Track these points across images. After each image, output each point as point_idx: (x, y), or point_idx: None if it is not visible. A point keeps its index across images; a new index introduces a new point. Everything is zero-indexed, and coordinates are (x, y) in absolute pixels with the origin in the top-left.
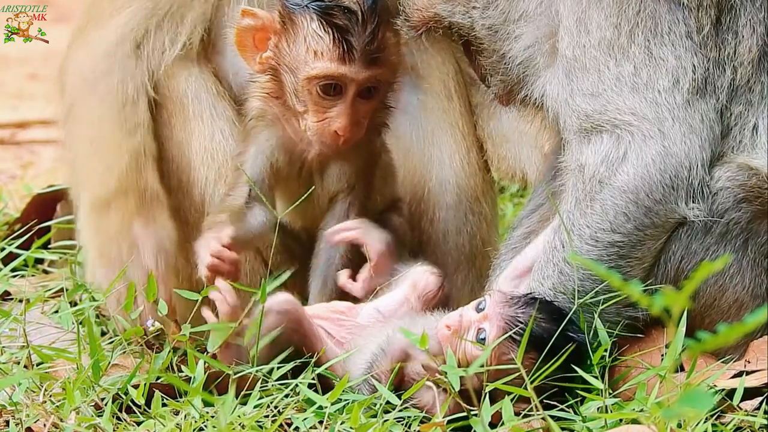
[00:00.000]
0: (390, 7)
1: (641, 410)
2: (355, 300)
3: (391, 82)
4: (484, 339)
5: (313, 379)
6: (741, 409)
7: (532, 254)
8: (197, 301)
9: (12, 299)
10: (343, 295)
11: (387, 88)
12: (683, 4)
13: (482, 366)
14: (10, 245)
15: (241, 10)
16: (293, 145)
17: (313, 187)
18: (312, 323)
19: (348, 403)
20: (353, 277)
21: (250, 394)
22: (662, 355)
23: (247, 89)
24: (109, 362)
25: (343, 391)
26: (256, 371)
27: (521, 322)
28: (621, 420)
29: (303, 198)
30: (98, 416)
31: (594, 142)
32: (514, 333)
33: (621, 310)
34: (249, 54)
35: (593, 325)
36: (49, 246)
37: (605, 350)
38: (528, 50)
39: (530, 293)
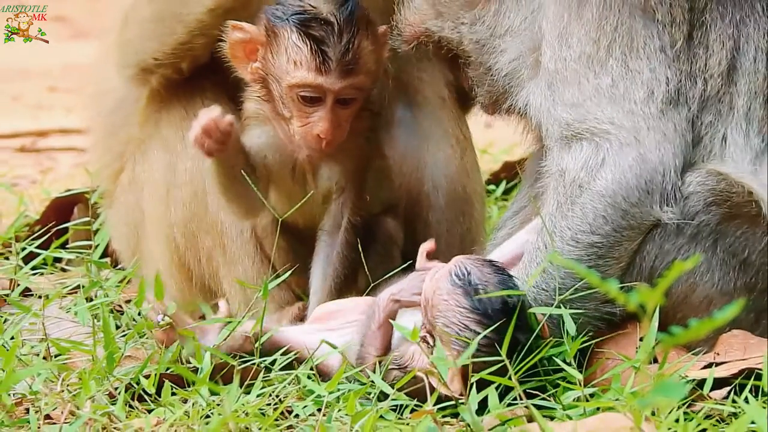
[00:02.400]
0: (369, 16)
1: (617, 399)
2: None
3: (371, 88)
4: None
5: (312, 369)
6: (711, 398)
7: (509, 249)
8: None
9: (32, 295)
10: (341, 292)
11: (366, 93)
12: (657, 20)
13: (470, 358)
14: (30, 245)
15: (230, 24)
16: (284, 146)
17: (312, 192)
18: (292, 342)
19: (345, 392)
20: None
21: (254, 383)
22: (637, 348)
23: (245, 93)
24: (122, 354)
25: (341, 381)
26: (259, 363)
27: (465, 270)
28: (598, 408)
29: (303, 201)
30: (112, 404)
31: (574, 149)
32: (454, 274)
33: (599, 307)
34: (241, 64)
35: (571, 320)
36: (67, 246)
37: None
38: (513, 63)
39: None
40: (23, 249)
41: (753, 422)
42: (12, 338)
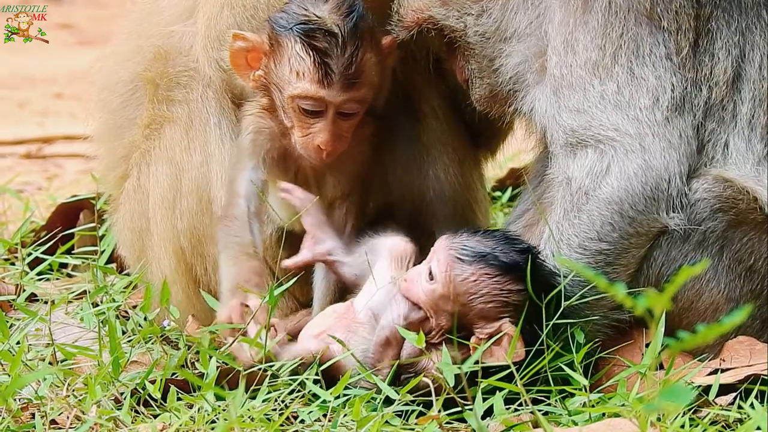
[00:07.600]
0: (373, 27)
1: (623, 405)
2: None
3: (372, 100)
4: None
5: (317, 375)
6: (716, 404)
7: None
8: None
9: (38, 301)
10: (343, 296)
11: (367, 105)
12: (664, 27)
13: (476, 363)
14: (36, 251)
15: (232, 33)
16: (288, 154)
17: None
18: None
19: (350, 398)
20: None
21: (259, 389)
22: (643, 354)
23: (244, 109)
24: (128, 359)
25: (346, 386)
26: (265, 368)
27: (469, 247)
28: (604, 414)
29: (305, 209)
30: (117, 409)
31: (579, 156)
32: (463, 256)
33: (608, 314)
34: (244, 72)
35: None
36: (73, 252)
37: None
38: (518, 66)
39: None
40: (29, 254)
41: (758, 428)
42: (18, 343)
